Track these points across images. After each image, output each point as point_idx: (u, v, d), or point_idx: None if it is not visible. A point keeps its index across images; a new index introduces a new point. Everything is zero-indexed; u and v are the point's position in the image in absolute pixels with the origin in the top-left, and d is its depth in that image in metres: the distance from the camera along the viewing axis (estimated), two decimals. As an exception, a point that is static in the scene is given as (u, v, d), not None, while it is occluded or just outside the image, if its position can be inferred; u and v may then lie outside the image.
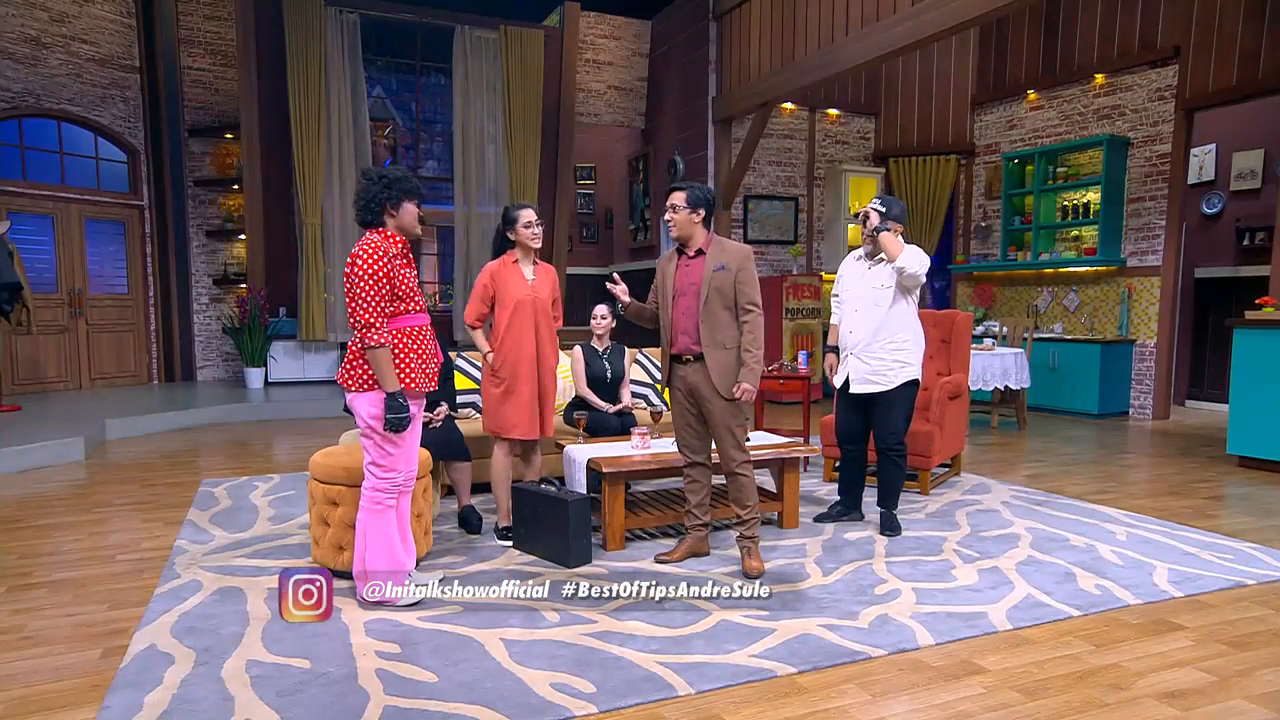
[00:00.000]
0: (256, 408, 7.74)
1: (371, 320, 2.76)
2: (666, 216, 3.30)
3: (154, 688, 2.33)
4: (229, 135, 9.27)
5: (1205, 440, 6.56)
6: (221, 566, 3.40)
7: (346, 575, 3.22)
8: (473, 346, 10.04)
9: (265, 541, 3.77)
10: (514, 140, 9.74)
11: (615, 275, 3.57)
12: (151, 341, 9.28)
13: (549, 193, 10.27)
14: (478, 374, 4.97)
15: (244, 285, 9.28)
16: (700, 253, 3.27)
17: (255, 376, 8.84)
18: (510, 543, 3.68)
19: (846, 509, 4.11)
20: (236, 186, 9.26)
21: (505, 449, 3.77)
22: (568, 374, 5.07)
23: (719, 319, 3.20)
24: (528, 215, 3.67)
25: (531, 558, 3.52)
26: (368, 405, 2.85)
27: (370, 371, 2.83)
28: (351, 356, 2.86)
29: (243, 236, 9.31)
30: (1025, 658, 2.57)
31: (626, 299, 3.49)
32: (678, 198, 3.26)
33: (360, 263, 2.77)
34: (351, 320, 2.78)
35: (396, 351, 2.86)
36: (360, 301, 2.76)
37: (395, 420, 2.82)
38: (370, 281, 2.77)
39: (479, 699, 2.27)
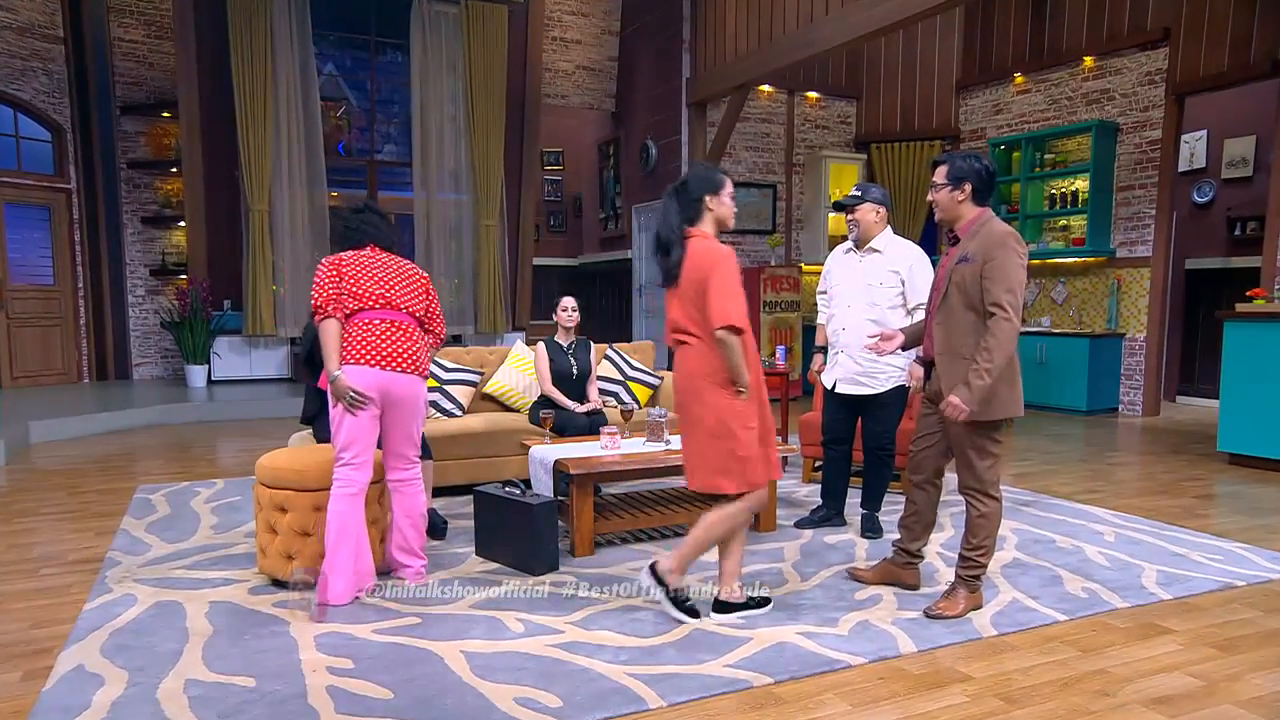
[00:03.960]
0: (198, 408, 7.61)
1: None
2: (930, 196, 3.00)
3: (81, 712, 2.28)
4: (166, 114, 9.08)
5: (1196, 437, 6.72)
6: (159, 579, 3.33)
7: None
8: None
9: (207, 551, 3.71)
10: (476, 123, 9.66)
11: (882, 333, 3.21)
12: (81, 337, 9.07)
13: (514, 178, 10.21)
14: (438, 371, 4.93)
15: (184, 276, 9.11)
16: (958, 239, 2.91)
17: (197, 374, 8.70)
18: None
19: (830, 514, 4.12)
20: (175, 169, 9.08)
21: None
22: (530, 370, 5.06)
23: (959, 321, 2.83)
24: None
25: (495, 565, 3.50)
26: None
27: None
28: (420, 344, 3.18)
29: (182, 223, 9.13)
30: (1009, 664, 2.61)
31: (895, 345, 3.09)
32: (939, 173, 2.90)
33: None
34: (440, 323, 3.32)
35: None
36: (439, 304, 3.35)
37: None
38: None
39: (437, 716, 2.25)
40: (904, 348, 3.20)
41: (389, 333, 3.08)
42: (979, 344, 2.77)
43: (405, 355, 3.08)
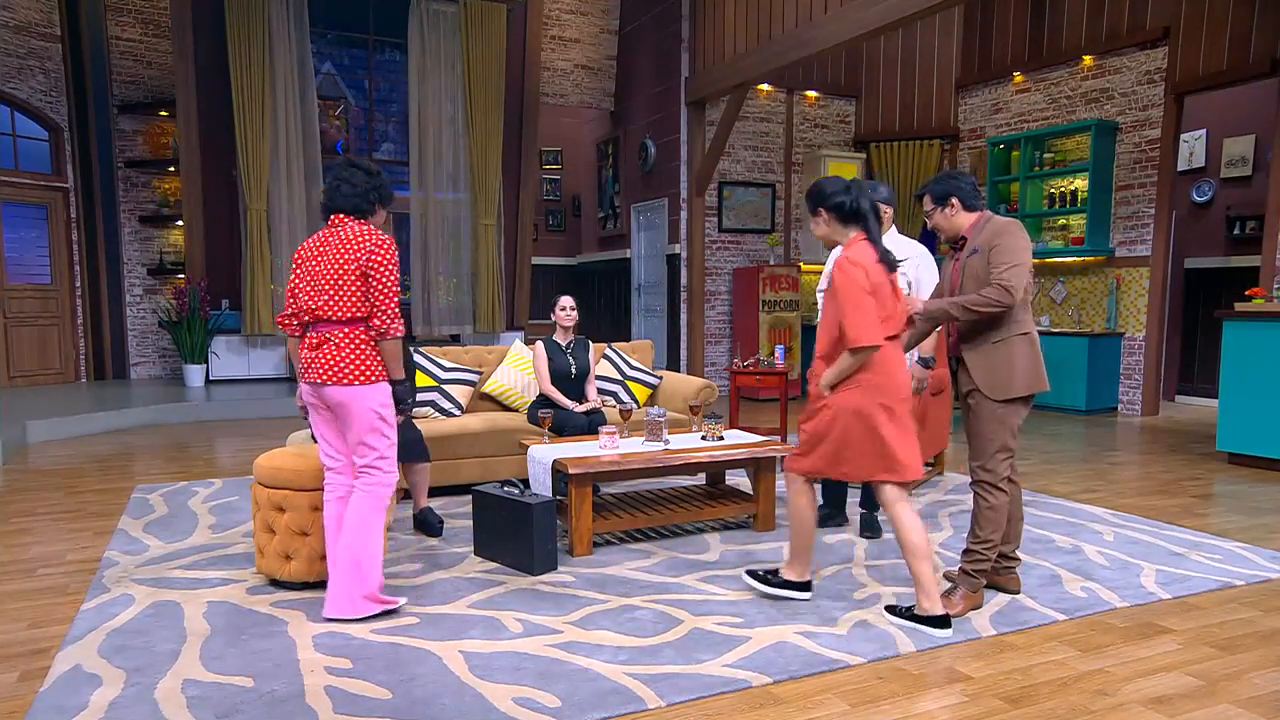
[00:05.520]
0: (196, 407, 7.60)
1: (397, 311, 2.93)
2: (928, 225, 3.15)
3: (78, 712, 2.28)
4: (164, 112, 9.08)
5: (1195, 437, 6.73)
6: (156, 579, 3.33)
7: (292, 586, 3.19)
8: (431, 341, 9.98)
9: (205, 551, 3.70)
10: (474, 121, 9.66)
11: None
12: (79, 336, 9.06)
13: (512, 178, 10.21)
14: (436, 371, 4.93)
15: (182, 275, 9.10)
16: (965, 240, 3.08)
17: (195, 374, 8.69)
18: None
19: (831, 515, 4.11)
20: (173, 168, 9.07)
21: None
22: (529, 369, 5.06)
23: None
24: None
25: (494, 565, 3.50)
26: (378, 395, 2.93)
27: (376, 363, 2.93)
28: (348, 351, 2.88)
29: (180, 223, 9.12)
30: (1009, 664, 2.61)
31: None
32: (925, 203, 3.10)
33: (386, 252, 2.91)
34: (380, 313, 2.89)
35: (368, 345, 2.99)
36: (393, 292, 2.92)
37: (409, 404, 3.13)
38: (395, 272, 2.93)
39: (436, 716, 2.25)
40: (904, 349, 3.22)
41: (317, 347, 2.91)
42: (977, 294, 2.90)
43: (328, 368, 2.86)
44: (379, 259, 2.88)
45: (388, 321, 2.90)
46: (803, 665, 2.56)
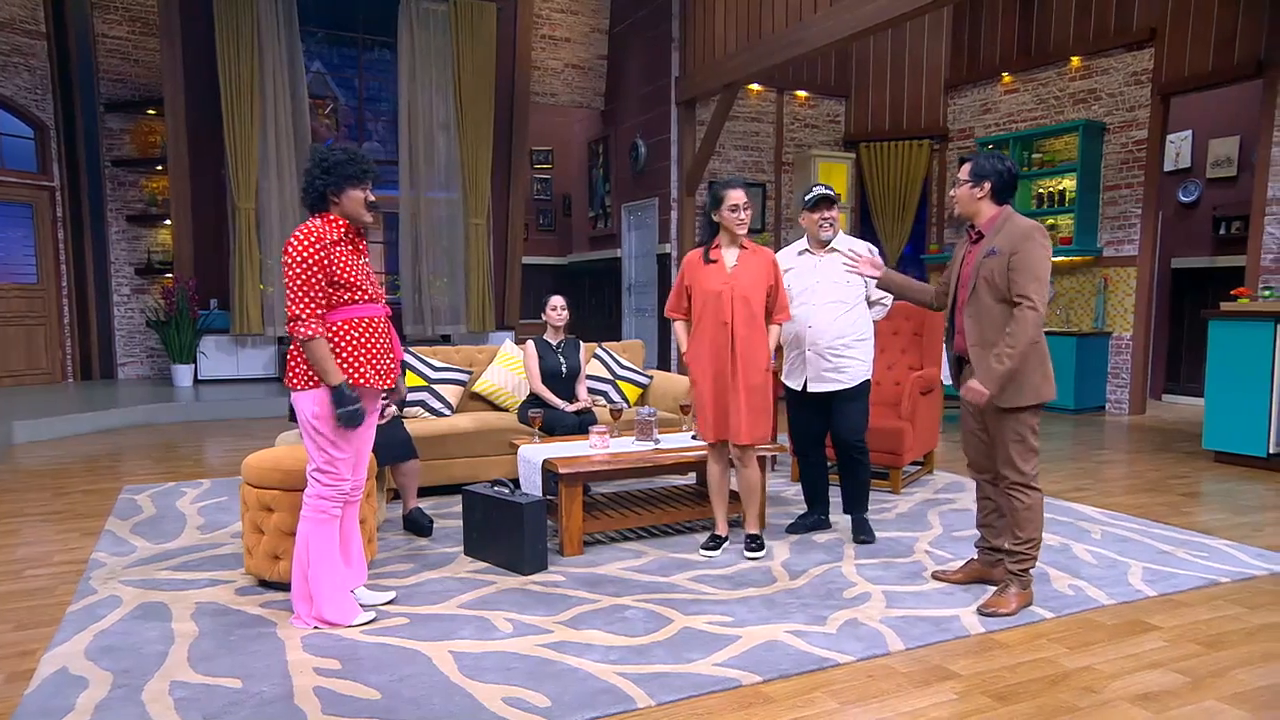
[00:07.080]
0: (184, 407, 7.56)
1: (300, 312, 2.67)
2: (950, 192, 3.11)
3: (65, 714, 2.26)
4: (151, 111, 9.02)
5: (1182, 435, 6.77)
6: (144, 580, 3.31)
7: (282, 586, 3.18)
8: (422, 341, 9.97)
9: (193, 552, 3.68)
10: (465, 121, 9.64)
11: (866, 251, 3.61)
12: (66, 336, 8.99)
13: (503, 177, 10.19)
14: (426, 370, 4.91)
15: (170, 275, 9.04)
16: (981, 235, 3.02)
17: (183, 374, 8.64)
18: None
19: (819, 517, 4.08)
20: (160, 167, 9.01)
21: (712, 455, 3.67)
22: (519, 369, 5.06)
23: (989, 314, 2.93)
24: (734, 196, 3.48)
25: (484, 565, 3.50)
26: (310, 403, 2.76)
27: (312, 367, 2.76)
28: (293, 352, 2.80)
29: (168, 222, 9.06)
30: (997, 662, 2.62)
31: (878, 271, 3.37)
32: (962, 170, 3.05)
33: (292, 250, 2.69)
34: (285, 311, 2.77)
35: (343, 344, 2.77)
36: (290, 291, 2.69)
37: (346, 414, 2.71)
38: (300, 270, 2.68)
39: (426, 716, 2.25)
40: (885, 286, 3.47)
41: None
42: (1006, 332, 2.88)
43: (286, 371, 2.84)
44: (286, 253, 2.71)
45: (288, 322, 2.71)
46: (793, 664, 2.57)
